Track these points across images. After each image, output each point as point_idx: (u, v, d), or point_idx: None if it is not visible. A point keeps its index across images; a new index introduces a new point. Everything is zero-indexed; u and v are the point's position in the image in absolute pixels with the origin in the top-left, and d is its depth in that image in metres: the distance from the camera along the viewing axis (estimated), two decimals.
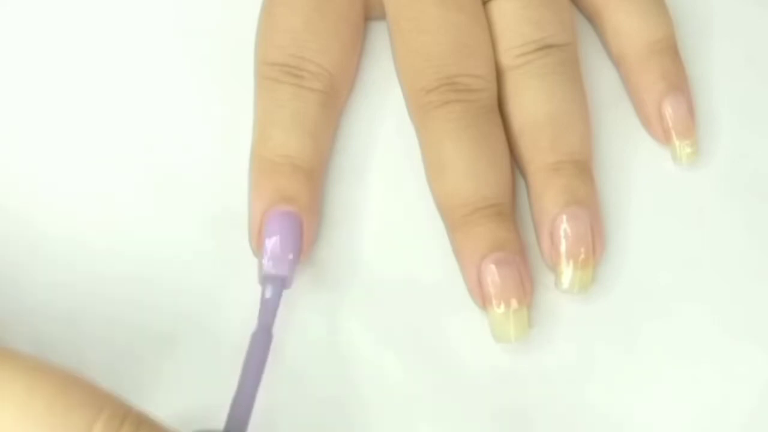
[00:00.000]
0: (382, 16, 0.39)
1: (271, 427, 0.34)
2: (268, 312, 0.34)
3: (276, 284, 0.34)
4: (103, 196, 0.37)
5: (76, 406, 0.27)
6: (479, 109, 0.37)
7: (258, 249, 0.35)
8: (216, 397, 0.32)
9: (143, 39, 0.39)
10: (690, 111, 0.38)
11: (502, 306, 0.35)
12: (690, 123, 0.38)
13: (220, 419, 0.31)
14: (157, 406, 0.30)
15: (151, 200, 0.37)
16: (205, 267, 0.36)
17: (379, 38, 0.39)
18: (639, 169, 0.38)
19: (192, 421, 0.33)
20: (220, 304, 0.36)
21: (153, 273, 0.36)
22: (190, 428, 0.32)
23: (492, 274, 0.35)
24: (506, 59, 0.38)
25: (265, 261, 0.35)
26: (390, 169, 0.38)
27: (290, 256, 0.35)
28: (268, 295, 0.34)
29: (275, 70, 0.37)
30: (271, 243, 0.35)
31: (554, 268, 0.36)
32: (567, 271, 0.36)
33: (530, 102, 0.37)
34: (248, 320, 0.34)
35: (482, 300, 0.35)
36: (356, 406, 0.35)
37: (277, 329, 0.34)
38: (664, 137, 0.38)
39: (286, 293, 0.35)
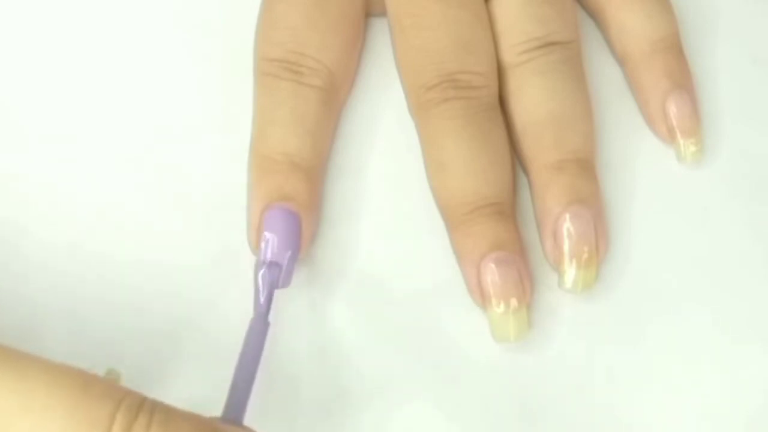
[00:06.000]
0: (383, 13, 0.39)
1: (267, 422, 0.34)
2: (265, 299, 0.34)
3: (273, 271, 0.34)
4: (100, 193, 0.37)
5: (97, 400, 0.27)
6: (480, 106, 0.36)
7: (256, 247, 0.35)
8: (215, 397, 0.32)
9: (143, 36, 0.39)
10: (694, 109, 0.38)
11: (502, 305, 0.35)
12: (694, 121, 0.38)
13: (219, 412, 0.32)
14: None
15: (148, 198, 0.37)
16: (203, 266, 0.36)
17: (380, 35, 0.39)
18: (643, 167, 0.38)
19: None
20: (218, 304, 0.36)
21: (150, 272, 0.36)
22: None
23: (492, 273, 0.35)
24: (509, 56, 0.38)
25: (262, 257, 0.35)
26: (390, 167, 0.38)
27: (288, 254, 0.35)
28: (264, 282, 0.34)
29: (274, 67, 0.37)
30: (269, 241, 0.35)
31: (557, 267, 0.36)
32: (570, 271, 0.36)
33: (533, 100, 0.37)
34: (247, 320, 0.34)
35: (482, 299, 0.35)
36: (355, 405, 0.35)
37: (274, 327, 0.34)
38: (668, 136, 0.38)
39: (284, 291, 0.35)
